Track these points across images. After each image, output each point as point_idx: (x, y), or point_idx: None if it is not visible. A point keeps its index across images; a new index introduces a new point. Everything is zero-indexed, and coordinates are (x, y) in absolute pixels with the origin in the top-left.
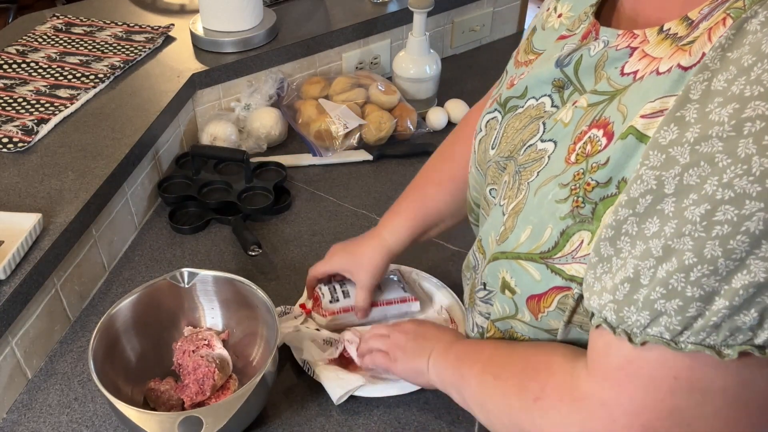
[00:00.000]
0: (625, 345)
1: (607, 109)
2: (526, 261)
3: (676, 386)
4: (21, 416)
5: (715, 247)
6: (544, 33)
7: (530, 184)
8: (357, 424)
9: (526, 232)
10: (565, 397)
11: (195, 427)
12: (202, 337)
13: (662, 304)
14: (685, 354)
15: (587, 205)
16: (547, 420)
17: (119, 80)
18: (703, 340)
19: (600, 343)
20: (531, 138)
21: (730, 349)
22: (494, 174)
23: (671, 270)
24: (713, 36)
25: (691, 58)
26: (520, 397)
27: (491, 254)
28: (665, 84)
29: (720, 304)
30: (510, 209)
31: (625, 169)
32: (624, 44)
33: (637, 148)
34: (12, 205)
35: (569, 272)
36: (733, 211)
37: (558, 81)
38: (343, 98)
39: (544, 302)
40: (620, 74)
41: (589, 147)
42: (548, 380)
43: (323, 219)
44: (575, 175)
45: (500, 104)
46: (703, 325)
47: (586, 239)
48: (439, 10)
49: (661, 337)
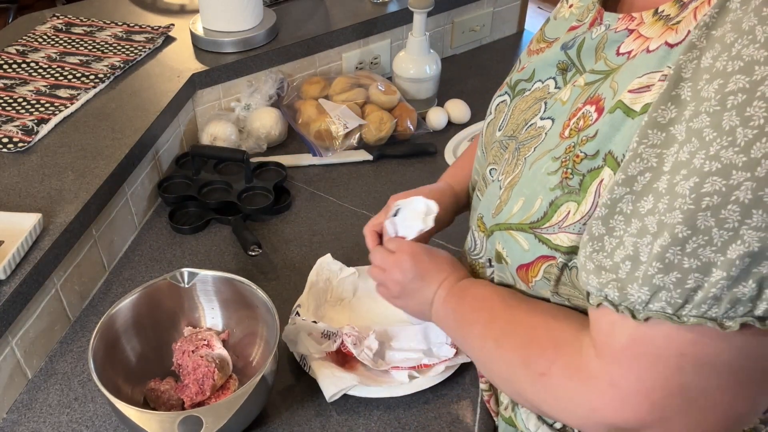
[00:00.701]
0: (629, 323)
1: (602, 86)
2: (516, 231)
3: (683, 362)
4: (21, 416)
5: (707, 218)
6: (555, 22)
7: (527, 159)
8: (357, 424)
9: (518, 203)
10: (573, 376)
11: (195, 426)
12: (201, 337)
13: (660, 279)
14: (689, 328)
15: (575, 176)
16: (553, 396)
17: (119, 80)
18: (704, 313)
19: (603, 322)
20: (533, 117)
21: (731, 321)
22: (496, 153)
23: (665, 244)
24: (698, 14)
25: (677, 36)
26: (526, 370)
27: (489, 228)
28: (652, 60)
29: (718, 275)
30: (506, 183)
31: (611, 142)
32: (622, 26)
33: (624, 121)
34: (12, 205)
35: (555, 241)
36: (721, 181)
37: (562, 63)
38: (343, 98)
39: (531, 271)
40: (616, 54)
41: (582, 122)
42: (556, 358)
43: (323, 219)
44: (567, 148)
45: (510, 87)
46: (703, 297)
47: (572, 210)
48: (439, 10)
49: (664, 311)
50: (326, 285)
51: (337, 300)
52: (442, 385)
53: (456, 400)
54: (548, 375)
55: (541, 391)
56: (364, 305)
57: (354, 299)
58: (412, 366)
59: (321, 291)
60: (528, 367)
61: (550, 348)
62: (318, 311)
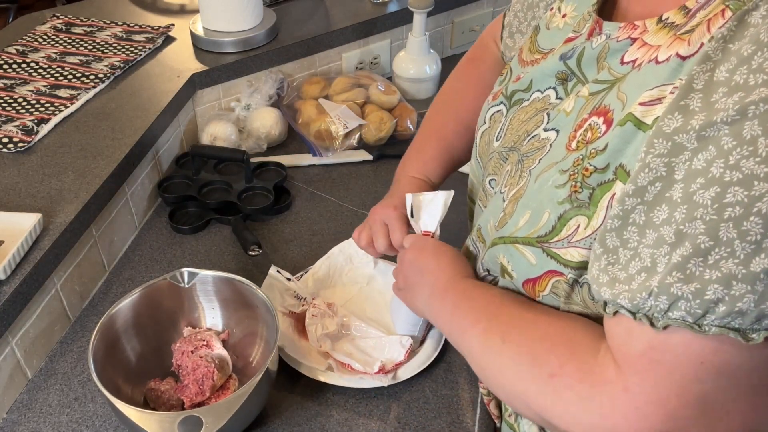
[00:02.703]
0: (647, 330)
1: (607, 96)
2: (523, 245)
3: (702, 371)
4: (21, 416)
5: (729, 229)
6: (549, 33)
7: (531, 171)
8: (357, 424)
9: (524, 216)
10: (586, 380)
11: (195, 426)
12: (200, 337)
13: (679, 288)
14: (710, 337)
15: (585, 190)
16: (560, 400)
17: (119, 80)
18: (728, 324)
19: (620, 329)
20: (535, 129)
21: (755, 333)
22: (495, 164)
23: (687, 254)
24: (712, 27)
25: (690, 48)
26: (534, 369)
27: (491, 240)
28: (664, 73)
29: (741, 289)
30: (511, 195)
31: (622, 156)
32: (624, 35)
33: (635, 134)
34: (12, 205)
35: (564, 256)
36: (743, 192)
37: (561, 73)
38: (343, 98)
39: (538, 286)
40: (620, 63)
41: (590, 134)
42: (570, 357)
43: (323, 219)
44: (575, 161)
45: (506, 97)
46: (726, 310)
47: (582, 224)
48: (439, 10)
49: (684, 320)
50: (346, 262)
51: (349, 281)
52: (442, 385)
53: (456, 400)
54: (558, 376)
55: (548, 394)
56: (367, 297)
57: (366, 287)
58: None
59: (339, 265)
60: (536, 365)
61: (564, 345)
62: (327, 281)
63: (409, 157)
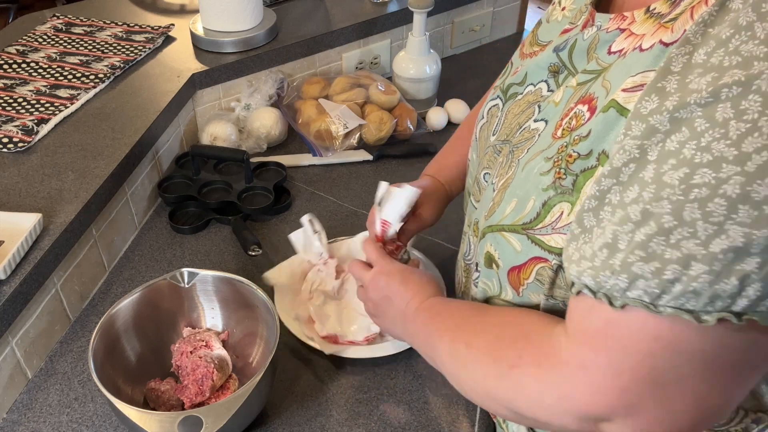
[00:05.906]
0: (606, 308)
1: (593, 85)
2: (509, 233)
3: (655, 347)
4: (21, 416)
5: (694, 210)
6: (548, 26)
7: (520, 161)
8: (357, 424)
9: (511, 204)
10: (543, 363)
11: (195, 426)
12: (200, 338)
13: (640, 267)
14: (664, 317)
15: (568, 176)
16: (522, 388)
17: (119, 80)
18: (682, 305)
19: (580, 307)
20: (526, 121)
21: (708, 315)
22: (490, 158)
23: (650, 233)
24: (695, 13)
25: (674, 35)
26: (496, 365)
27: (481, 231)
28: (647, 60)
29: (699, 269)
30: (500, 185)
31: (605, 142)
32: (614, 26)
33: (618, 120)
34: (12, 205)
35: (548, 243)
36: (711, 174)
37: (554, 66)
38: (343, 98)
39: (523, 274)
40: (607, 53)
41: (574, 121)
42: (525, 347)
43: (323, 219)
44: (559, 148)
45: (502, 91)
46: (682, 290)
47: (566, 210)
48: (439, 10)
49: (641, 300)
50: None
51: None
52: (442, 385)
53: (456, 400)
54: (518, 366)
55: (509, 386)
56: None
57: None
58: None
59: (356, 252)
60: (497, 361)
61: (521, 339)
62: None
63: (435, 158)
